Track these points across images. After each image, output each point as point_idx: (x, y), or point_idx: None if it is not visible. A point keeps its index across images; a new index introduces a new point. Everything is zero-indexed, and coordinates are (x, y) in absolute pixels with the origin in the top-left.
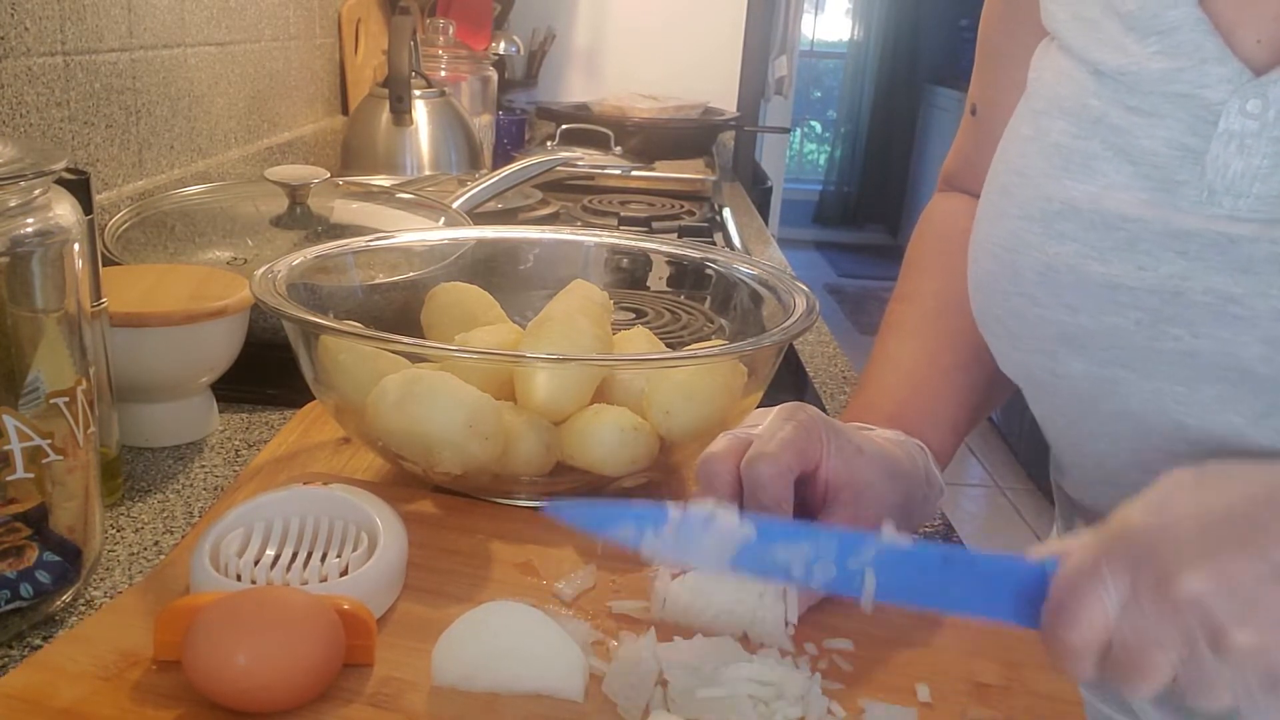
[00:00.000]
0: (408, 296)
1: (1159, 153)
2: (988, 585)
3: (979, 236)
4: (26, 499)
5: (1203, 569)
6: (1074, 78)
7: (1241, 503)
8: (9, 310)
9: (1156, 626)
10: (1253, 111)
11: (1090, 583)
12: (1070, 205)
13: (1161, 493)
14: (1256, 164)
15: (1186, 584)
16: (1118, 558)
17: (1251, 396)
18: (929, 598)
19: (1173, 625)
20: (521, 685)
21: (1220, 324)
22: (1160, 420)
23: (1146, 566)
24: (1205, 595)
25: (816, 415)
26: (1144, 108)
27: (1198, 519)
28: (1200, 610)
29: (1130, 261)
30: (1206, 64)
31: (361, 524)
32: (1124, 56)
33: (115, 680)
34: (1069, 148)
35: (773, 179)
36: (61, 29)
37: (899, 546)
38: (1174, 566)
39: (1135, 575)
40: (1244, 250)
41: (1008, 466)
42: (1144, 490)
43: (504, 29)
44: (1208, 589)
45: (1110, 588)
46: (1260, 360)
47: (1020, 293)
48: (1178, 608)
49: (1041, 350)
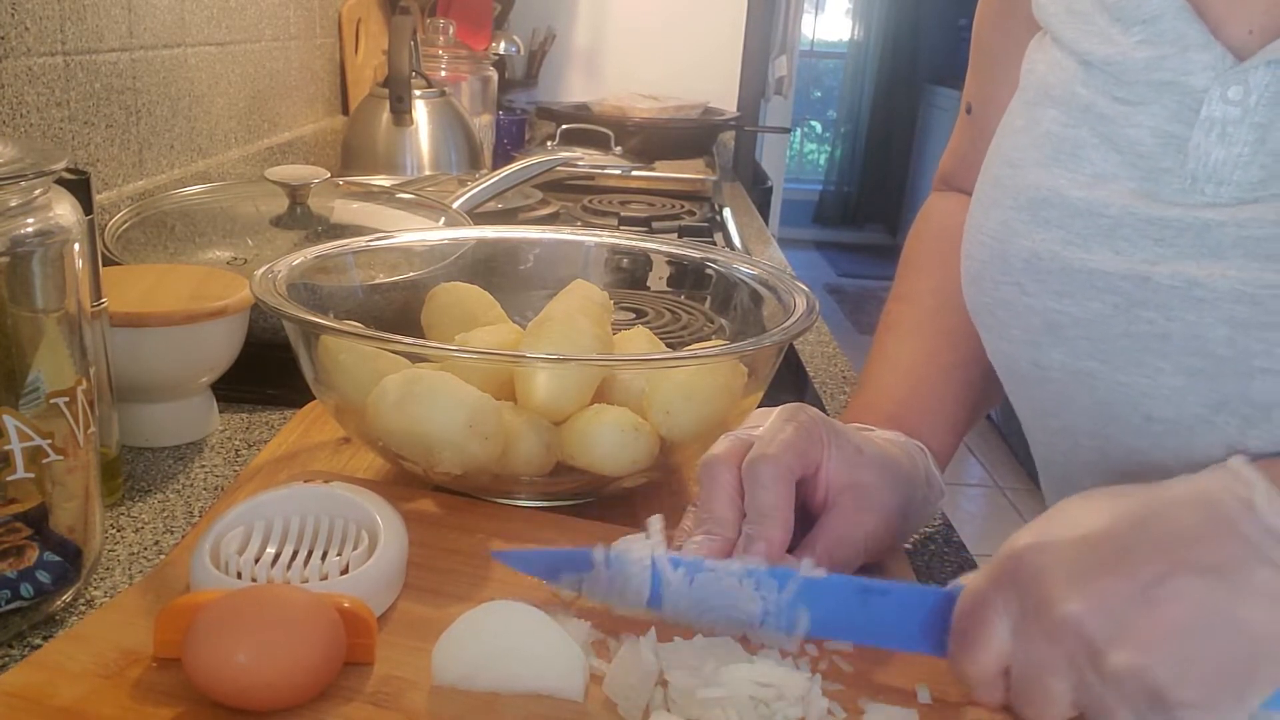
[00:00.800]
0: (408, 296)
1: (1144, 141)
2: (903, 615)
3: (972, 228)
4: (27, 499)
5: (1077, 590)
6: (1064, 67)
7: (1116, 522)
8: (9, 310)
9: (1044, 651)
10: (1234, 98)
11: (982, 609)
12: (1057, 193)
13: (1047, 516)
14: (1237, 151)
15: (1063, 606)
16: (1006, 582)
17: (1212, 383)
18: (849, 630)
19: (1057, 649)
20: (521, 685)
21: (1186, 307)
22: (1131, 415)
23: (1029, 591)
24: (1080, 616)
25: (817, 416)
26: (1130, 97)
27: (1075, 540)
28: (1077, 632)
29: (1109, 248)
30: (1189, 51)
31: (362, 523)
32: (1110, 46)
33: (116, 679)
34: (1059, 136)
35: (773, 179)
36: (61, 29)
37: (818, 580)
38: (1052, 589)
39: (1021, 601)
40: (1214, 235)
41: (1008, 466)
42: None
43: (504, 29)
44: (1082, 610)
45: (1001, 613)
46: (1223, 343)
47: (1010, 281)
48: (1059, 631)
49: (1027, 340)
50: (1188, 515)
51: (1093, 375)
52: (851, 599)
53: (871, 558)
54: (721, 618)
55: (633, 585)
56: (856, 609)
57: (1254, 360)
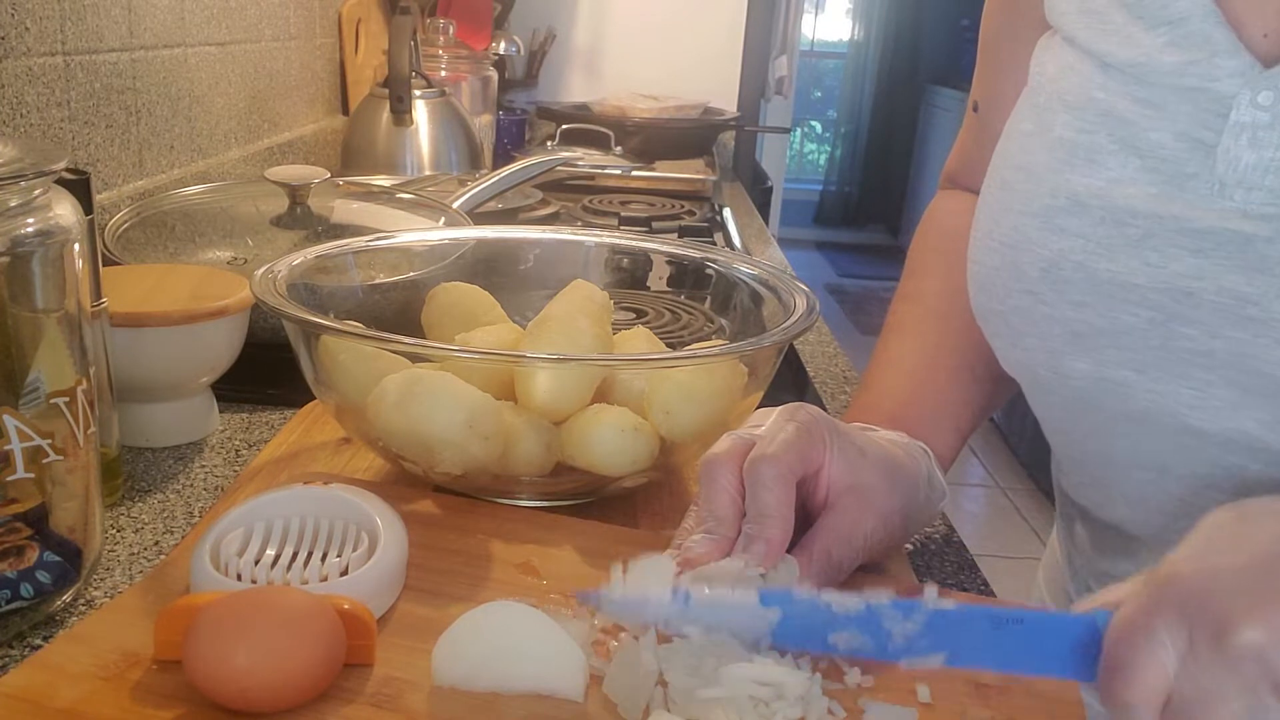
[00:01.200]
0: (408, 296)
1: (1167, 145)
2: (1039, 643)
3: (979, 233)
4: (27, 499)
5: (1259, 619)
6: (1079, 70)
7: None
8: (9, 310)
9: (1217, 680)
10: (1264, 104)
11: (1145, 638)
12: (1075, 200)
13: (1204, 537)
14: (1269, 156)
15: (1243, 635)
16: (1169, 610)
17: (1266, 401)
18: (980, 659)
19: (1235, 677)
20: (521, 685)
21: (1236, 325)
22: (1168, 422)
23: (1200, 618)
24: (1264, 645)
25: (819, 416)
26: (1153, 100)
27: (1246, 565)
28: (1260, 661)
29: (1138, 258)
30: (1217, 56)
31: (362, 524)
32: (1133, 48)
33: (116, 680)
34: (1073, 141)
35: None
36: (61, 29)
37: (947, 611)
38: (1228, 617)
39: (1190, 628)
40: (1258, 250)
41: (1008, 466)
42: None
43: (504, 29)
44: (1266, 639)
45: (1166, 642)
46: (1279, 364)
47: (1024, 290)
48: (1238, 660)
49: (1045, 349)
50: None
51: (1126, 385)
52: (984, 630)
53: (871, 558)
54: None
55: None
56: (990, 640)
57: None
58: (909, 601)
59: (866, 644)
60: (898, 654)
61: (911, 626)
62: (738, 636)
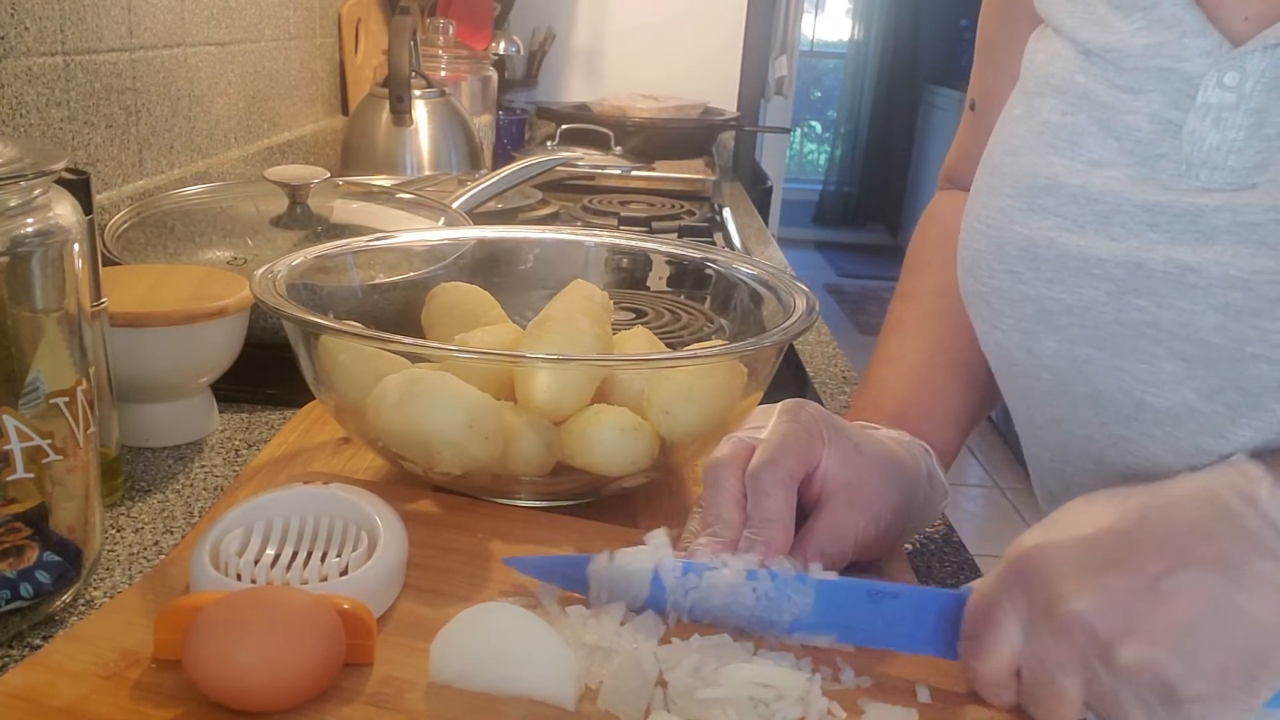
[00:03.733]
0: (408, 296)
1: (1141, 128)
2: (913, 617)
3: (969, 217)
4: (26, 499)
5: (1084, 587)
6: (1064, 57)
7: (1121, 520)
8: (9, 310)
9: (1053, 650)
10: (1230, 84)
11: (992, 610)
12: (1054, 180)
13: (1053, 517)
14: (1232, 137)
15: (1071, 603)
16: (1014, 584)
17: (1205, 370)
18: (862, 634)
19: (1067, 646)
20: (515, 688)
21: (1179, 293)
22: (1124, 400)
23: (1036, 591)
24: (1088, 613)
25: (818, 413)
26: (1128, 84)
27: (1080, 539)
28: (1086, 628)
29: (1104, 234)
30: (1187, 37)
31: (361, 523)
32: (1110, 34)
33: (115, 679)
34: (1057, 124)
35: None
36: (61, 29)
37: (828, 582)
38: (1060, 587)
39: (1029, 599)
40: (1208, 220)
41: (1008, 466)
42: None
43: (504, 29)
44: (1089, 607)
45: (1010, 613)
46: (1215, 330)
47: (1005, 269)
48: (1067, 628)
49: (1020, 329)
50: (1192, 511)
51: (1088, 362)
52: (861, 601)
53: (866, 555)
54: (725, 616)
55: (634, 587)
56: (866, 611)
57: (1246, 347)
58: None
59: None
60: (790, 630)
61: (802, 601)
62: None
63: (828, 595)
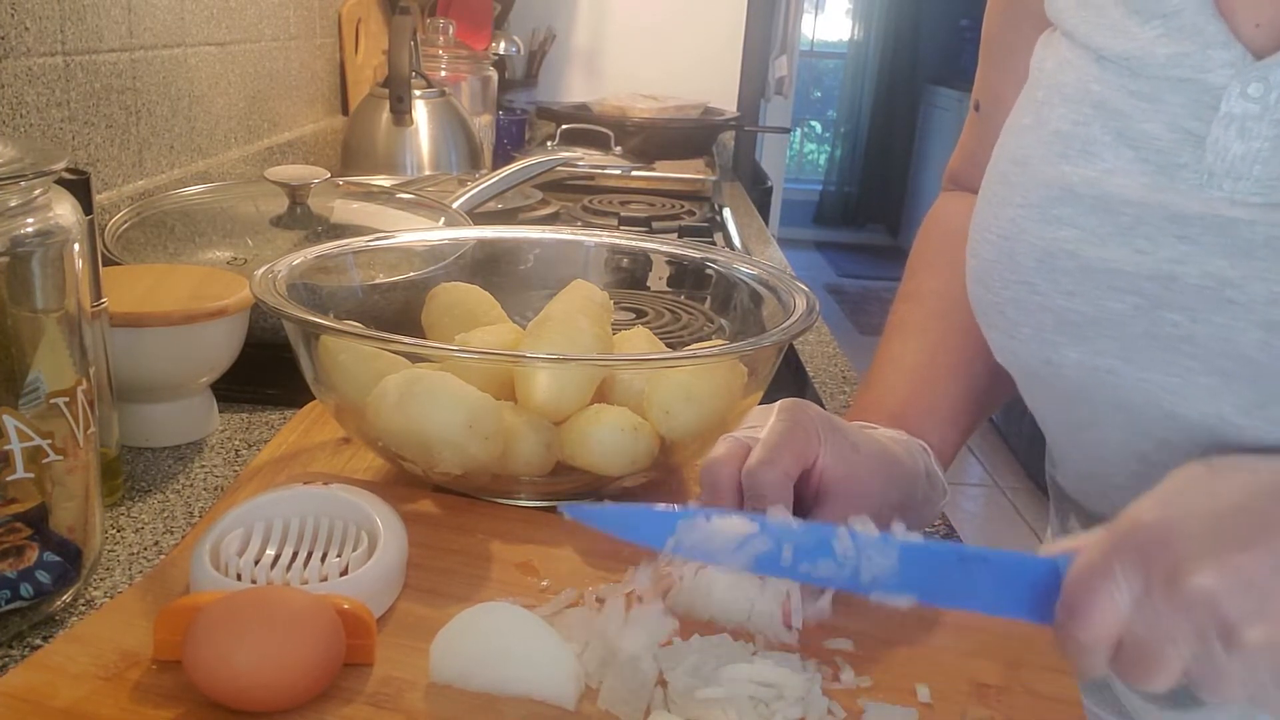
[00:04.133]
0: (408, 296)
1: (1160, 137)
2: (1001, 582)
3: (978, 226)
4: (27, 499)
5: (1213, 565)
6: (1076, 64)
7: (1250, 497)
8: (9, 310)
9: (1169, 623)
10: (1254, 95)
11: (1102, 579)
12: (1069, 191)
13: (1172, 487)
14: (1257, 147)
15: (1197, 580)
16: (1129, 553)
17: (1246, 386)
18: (944, 596)
19: (1185, 621)
20: (514, 688)
21: (1217, 309)
22: (1153, 411)
23: (1158, 562)
24: (1216, 591)
25: (814, 413)
26: (1146, 92)
27: (1207, 514)
28: (1211, 606)
29: (1128, 245)
30: (1210, 48)
31: (361, 524)
32: (1128, 41)
33: (115, 680)
34: (1068, 134)
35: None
36: (61, 29)
37: (915, 544)
38: (1185, 563)
39: (1147, 571)
40: (1242, 234)
41: (1008, 466)
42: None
43: (504, 29)
44: (1218, 585)
45: (1122, 584)
46: (1258, 346)
47: (1020, 280)
48: (1189, 604)
49: (1038, 339)
50: None
51: (1114, 373)
52: (951, 565)
53: None
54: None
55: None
56: (955, 576)
57: None
58: (882, 535)
59: (838, 574)
60: (867, 588)
61: (883, 561)
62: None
63: (911, 557)
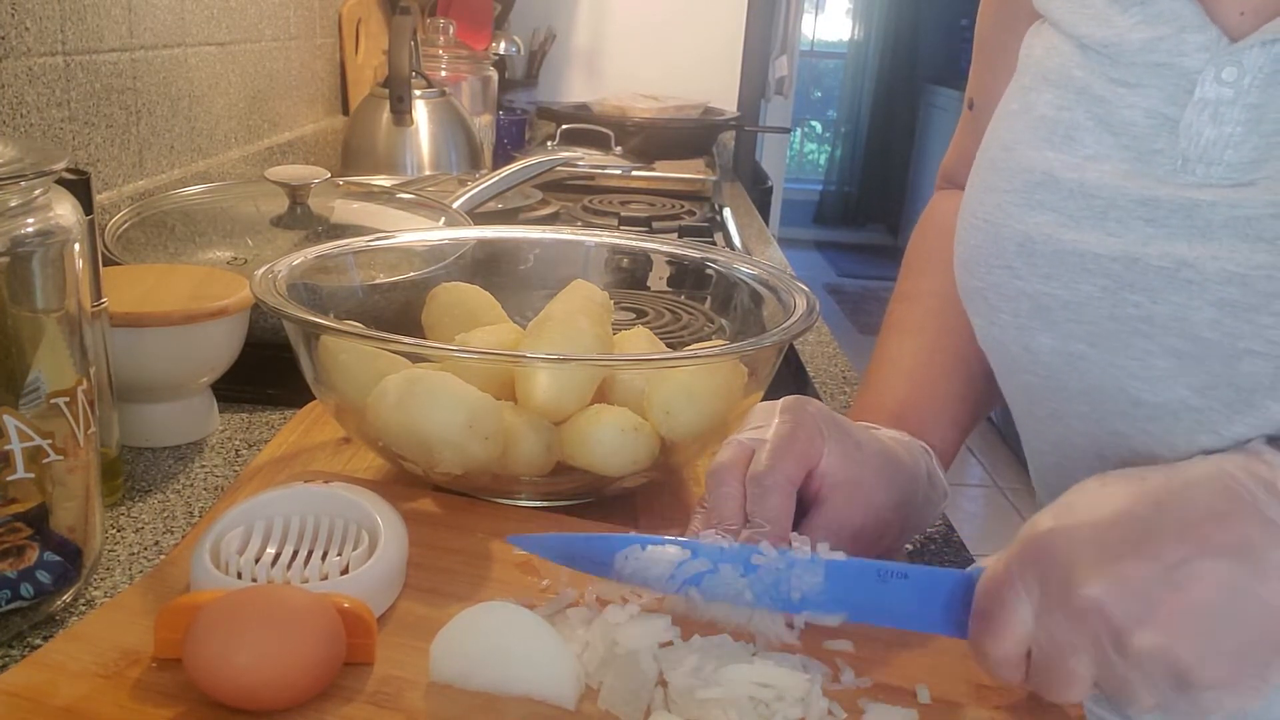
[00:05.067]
0: (408, 296)
1: (1138, 123)
2: (922, 597)
3: (966, 213)
4: (27, 499)
5: (1100, 573)
6: (1061, 51)
7: (1137, 505)
8: (9, 310)
9: (1066, 633)
10: (1228, 79)
11: (1004, 591)
12: (1050, 175)
13: (1065, 499)
14: (1229, 132)
15: (1086, 590)
16: (1027, 566)
17: (1198, 366)
18: (871, 612)
19: (1080, 630)
20: (515, 687)
21: (1175, 289)
22: (1119, 396)
23: (1051, 573)
24: (1104, 599)
25: (817, 412)
26: (1126, 78)
27: (1096, 523)
28: (1101, 614)
29: (1100, 229)
30: (1185, 32)
31: (362, 523)
32: (1108, 28)
33: (116, 678)
34: (1053, 119)
35: (773, 179)
36: (62, 29)
37: (839, 562)
38: (1075, 572)
39: (1043, 582)
40: (1204, 215)
41: (1008, 466)
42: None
43: (504, 29)
44: (1105, 592)
45: (1023, 596)
46: (1209, 325)
47: (1002, 265)
48: (1082, 613)
49: (1016, 324)
50: (1208, 497)
51: (1083, 358)
52: (871, 581)
53: (864, 554)
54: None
55: (662, 570)
56: (875, 591)
57: (1240, 342)
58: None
59: (769, 593)
60: (798, 606)
61: (811, 579)
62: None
63: (837, 574)
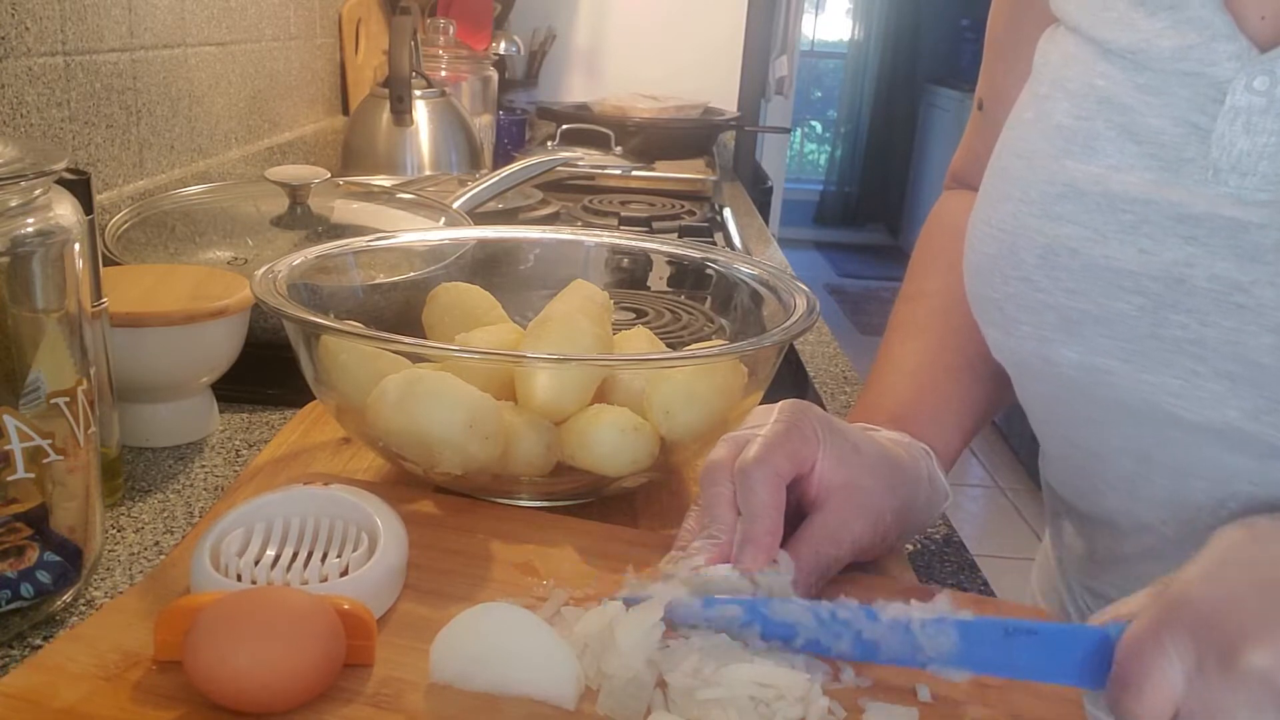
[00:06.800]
0: (408, 296)
1: (1165, 131)
2: (1052, 653)
3: (977, 220)
4: (27, 499)
5: (1265, 642)
6: (1080, 59)
7: None
8: (9, 310)
9: (1224, 699)
10: (1260, 88)
11: (1154, 654)
12: (1072, 187)
13: (1216, 556)
14: (1263, 142)
15: (1251, 658)
16: (1180, 630)
17: (1253, 390)
18: (995, 667)
19: (1241, 698)
20: (515, 688)
21: (1226, 313)
22: (1152, 412)
23: (1209, 640)
24: (1270, 669)
25: (814, 415)
26: (1152, 85)
27: (1257, 586)
28: (1265, 683)
29: (1132, 245)
30: (1216, 41)
31: (362, 524)
32: (1133, 34)
33: (116, 680)
34: (1071, 128)
35: (773, 179)
36: (62, 29)
37: (969, 621)
38: (1238, 639)
39: (1199, 647)
40: (1252, 237)
41: (1008, 466)
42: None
43: (504, 29)
44: (1272, 662)
45: (1175, 661)
46: (1268, 351)
47: (1020, 276)
48: (1243, 682)
49: (1037, 336)
50: None
51: (1111, 373)
52: (997, 637)
53: (864, 557)
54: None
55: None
56: (1003, 647)
57: None
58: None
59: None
60: (924, 664)
61: (945, 642)
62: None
63: (967, 634)
